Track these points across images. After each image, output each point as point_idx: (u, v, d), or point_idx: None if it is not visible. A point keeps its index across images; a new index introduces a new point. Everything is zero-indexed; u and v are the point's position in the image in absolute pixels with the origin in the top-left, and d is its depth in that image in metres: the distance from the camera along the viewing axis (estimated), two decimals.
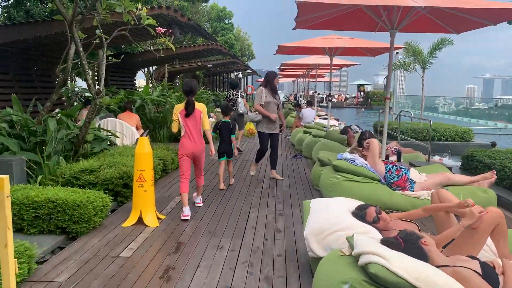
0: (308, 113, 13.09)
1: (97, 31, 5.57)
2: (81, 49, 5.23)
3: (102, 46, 5.47)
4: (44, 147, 5.56)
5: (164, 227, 4.46)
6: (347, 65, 14.19)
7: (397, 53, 12.85)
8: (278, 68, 20.02)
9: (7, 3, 11.01)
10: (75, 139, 5.95)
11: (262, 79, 9.31)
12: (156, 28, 5.56)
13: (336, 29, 8.43)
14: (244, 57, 28.39)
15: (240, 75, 23.57)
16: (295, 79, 36.02)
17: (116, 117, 8.58)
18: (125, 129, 8.03)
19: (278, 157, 7.18)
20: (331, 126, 10.65)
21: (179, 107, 4.70)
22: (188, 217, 4.65)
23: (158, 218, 4.63)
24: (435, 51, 12.25)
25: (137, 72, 17.16)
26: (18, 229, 3.93)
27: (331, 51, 10.08)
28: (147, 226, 4.42)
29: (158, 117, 11.45)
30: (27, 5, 10.52)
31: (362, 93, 45.76)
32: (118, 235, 4.16)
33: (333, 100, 42.71)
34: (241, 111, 9.43)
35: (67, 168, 5.19)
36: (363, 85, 46.78)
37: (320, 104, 31.05)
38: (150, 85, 17.29)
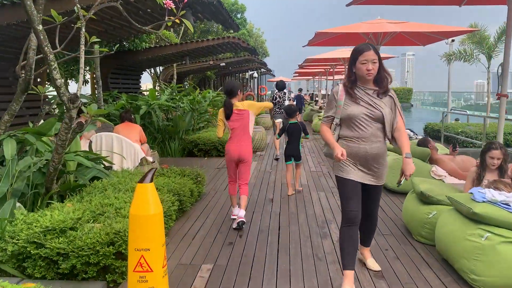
0: None
1: (76, 8, 3.59)
2: (41, 34, 3.17)
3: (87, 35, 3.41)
4: None
5: None
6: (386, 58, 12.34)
7: (452, 40, 10.66)
8: (299, 65, 17.95)
9: None
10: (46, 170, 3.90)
11: (275, 79, 8.47)
12: (164, 2, 3.63)
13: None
14: (258, 55, 26.33)
15: (255, 75, 21.46)
16: (311, 77, 33.98)
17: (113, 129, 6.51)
18: (124, 146, 5.96)
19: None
20: None
21: (222, 111, 4.46)
22: (236, 217, 4.39)
23: None
24: (502, 37, 10.01)
25: (142, 74, 15.14)
26: None
27: (378, 39, 8.37)
28: None
29: (168, 125, 9.41)
30: None
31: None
32: None
33: None
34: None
35: (25, 225, 3.13)
36: None
37: None
38: (158, 87, 15.23)
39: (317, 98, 31.98)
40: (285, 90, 9.36)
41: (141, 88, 15.09)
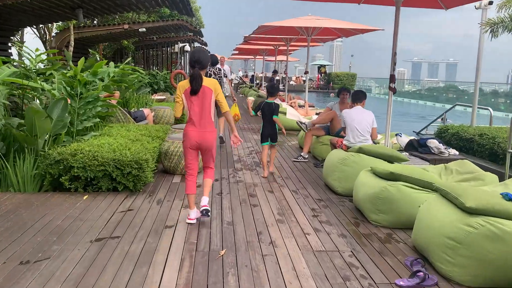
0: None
1: None
2: None
3: None
4: None
5: None
6: (331, 39, 13.14)
7: (490, 2, 7.17)
8: (246, 37, 13.81)
9: None
10: None
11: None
12: None
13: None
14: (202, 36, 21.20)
15: (188, 47, 16.80)
16: (251, 56, 29.90)
17: None
18: None
19: None
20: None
21: (184, 84, 3.73)
22: (193, 221, 3.79)
23: None
24: None
25: (17, 32, 9.96)
26: None
27: (309, 32, 10.92)
28: None
29: (16, 127, 4.82)
30: None
31: (323, 75, 40.29)
32: None
33: (291, 82, 37.10)
34: (227, 94, 8.17)
35: None
36: (324, 65, 41.27)
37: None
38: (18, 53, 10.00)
39: (258, 81, 28.23)
40: (218, 66, 8.29)
41: (12, 54, 9.91)
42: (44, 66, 6.87)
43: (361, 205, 4.17)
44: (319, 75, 40.58)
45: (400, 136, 6.72)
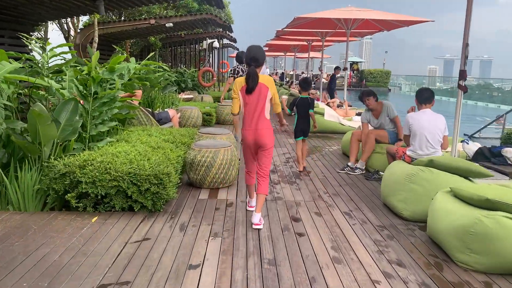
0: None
1: None
2: None
3: None
4: None
5: None
6: (371, 32, 11.99)
7: None
8: (278, 32, 12.95)
9: None
10: None
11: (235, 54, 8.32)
12: None
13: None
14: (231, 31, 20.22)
15: (216, 44, 15.98)
16: (278, 54, 28.96)
17: None
18: None
19: None
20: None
21: (241, 81, 3.62)
22: (253, 208, 3.70)
23: None
24: None
25: (39, 28, 9.41)
26: None
27: (348, 25, 10.11)
28: None
29: (20, 133, 4.11)
30: None
31: (355, 72, 38.71)
32: None
33: (322, 80, 35.87)
34: None
35: None
36: (356, 62, 39.59)
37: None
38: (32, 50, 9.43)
39: (288, 79, 27.24)
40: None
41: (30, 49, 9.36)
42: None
43: (442, 238, 3.20)
44: (351, 73, 39.05)
45: (467, 143, 5.66)
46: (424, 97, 4.42)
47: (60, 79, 5.59)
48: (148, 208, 3.88)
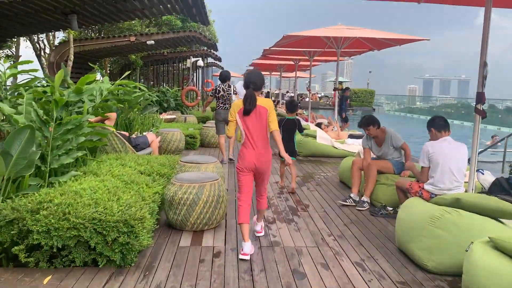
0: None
1: None
2: None
3: None
4: None
5: None
6: (360, 52, 11.73)
7: None
8: (265, 50, 12.48)
9: None
10: None
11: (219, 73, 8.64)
12: None
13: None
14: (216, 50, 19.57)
15: (201, 63, 15.34)
16: (267, 73, 28.58)
17: None
18: None
19: None
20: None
21: (239, 104, 3.63)
22: (247, 257, 3.33)
23: None
24: None
25: (6, 44, 8.64)
26: None
27: (338, 43, 9.76)
28: None
29: None
30: None
31: (340, 92, 38.46)
32: None
33: (306, 99, 35.64)
34: None
35: None
36: (341, 82, 39.65)
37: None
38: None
39: (273, 98, 26.76)
40: (229, 82, 7.91)
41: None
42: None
43: None
44: (336, 92, 38.84)
45: (482, 173, 5.08)
46: (441, 124, 3.86)
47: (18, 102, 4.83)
48: (116, 262, 3.13)
